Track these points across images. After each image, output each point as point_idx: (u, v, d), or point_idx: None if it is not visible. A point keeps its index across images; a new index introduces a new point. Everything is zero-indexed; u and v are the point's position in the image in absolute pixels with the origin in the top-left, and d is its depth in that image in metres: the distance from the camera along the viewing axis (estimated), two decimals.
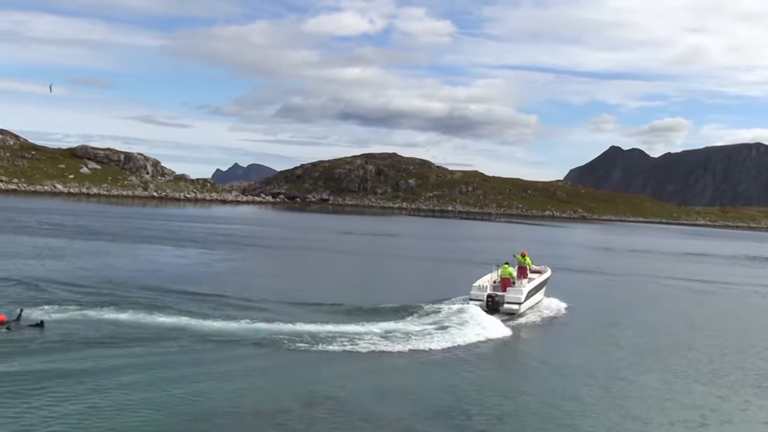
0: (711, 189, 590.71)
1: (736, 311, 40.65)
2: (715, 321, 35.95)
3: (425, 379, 20.71)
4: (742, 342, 30.09)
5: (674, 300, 43.71)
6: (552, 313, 33.96)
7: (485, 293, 31.78)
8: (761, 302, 45.74)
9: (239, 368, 20.27)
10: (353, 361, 22.01)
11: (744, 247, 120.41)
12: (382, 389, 19.42)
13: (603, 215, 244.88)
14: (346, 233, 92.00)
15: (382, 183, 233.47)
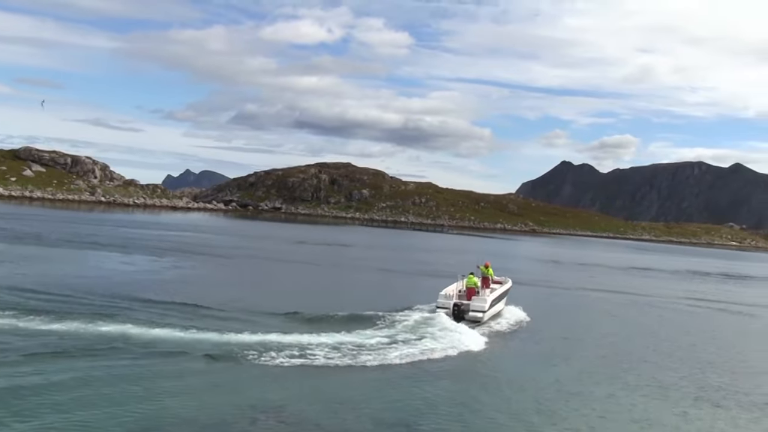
0: (656, 205, 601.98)
1: (681, 325, 41.29)
2: (661, 334, 36.48)
3: (377, 391, 20.56)
4: (685, 355, 30.57)
5: (622, 313, 44.23)
6: (513, 322, 34.86)
7: (452, 301, 32.94)
8: (704, 316, 46.46)
9: (185, 381, 19.80)
10: (305, 373, 21.70)
11: (686, 262, 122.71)
12: (332, 402, 19.15)
13: (553, 229, 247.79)
14: (299, 243, 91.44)
15: (336, 193, 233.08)
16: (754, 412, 21.79)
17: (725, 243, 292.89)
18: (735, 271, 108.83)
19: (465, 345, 27.44)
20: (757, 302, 58.41)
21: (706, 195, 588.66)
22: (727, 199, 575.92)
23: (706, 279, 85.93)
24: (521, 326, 34.42)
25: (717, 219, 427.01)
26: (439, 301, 33.26)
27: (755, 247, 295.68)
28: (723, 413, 21.34)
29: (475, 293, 34.28)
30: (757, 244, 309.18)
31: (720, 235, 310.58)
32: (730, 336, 39.39)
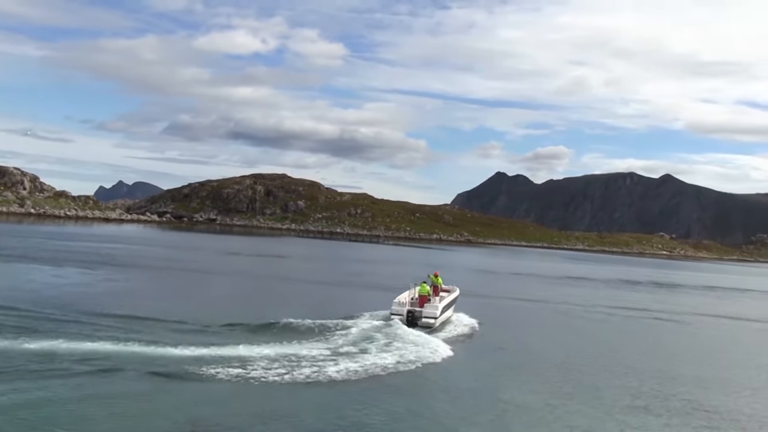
0: (590, 215, 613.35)
1: (615, 333, 42.09)
2: (597, 343, 37.08)
3: (319, 404, 20.42)
4: (616, 362, 31.13)
5: (560, 322, 44.83)
6: (465, 329, 36.89)
7: (405, 308, 34.76)
8: (637, 325, 47.45)
9: (119, 398, 19.33)
10: (244, 387, 21.38)
11: (618, 272, 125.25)
12: (272, 418, 18.95)
13: (488, 239, 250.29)
14: (234, 254, 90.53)
15: (272, 204, 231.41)
16: (679, 417, 22.29)
17: (656, 252, 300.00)
18: (666, 280, 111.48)
19: (416, 353, 27.80)
20: (686, 310, 59.93)
21: (637, 205, 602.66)
22: (658, 209, 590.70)
23: (638, 288, 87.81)
24: (472, 333, 36.20)
25: (648, 229, 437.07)
26: (393, 308, 34.88)
27: (684, 256, 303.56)
28: (655, 420, 21.81)
29: (427, 301, 35.93)
30: (686, 253, 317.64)
31: (651, 245, 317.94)
32: (662, 343, 40.26)
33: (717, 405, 24.40)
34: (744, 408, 24.38)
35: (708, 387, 27.53)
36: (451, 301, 39.63)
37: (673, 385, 27.00)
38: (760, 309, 68.52)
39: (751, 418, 23.08)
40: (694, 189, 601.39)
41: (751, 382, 29.52)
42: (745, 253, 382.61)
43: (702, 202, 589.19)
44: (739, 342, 43.68)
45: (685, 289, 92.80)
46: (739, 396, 26.32)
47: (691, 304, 67.28)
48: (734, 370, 32.59)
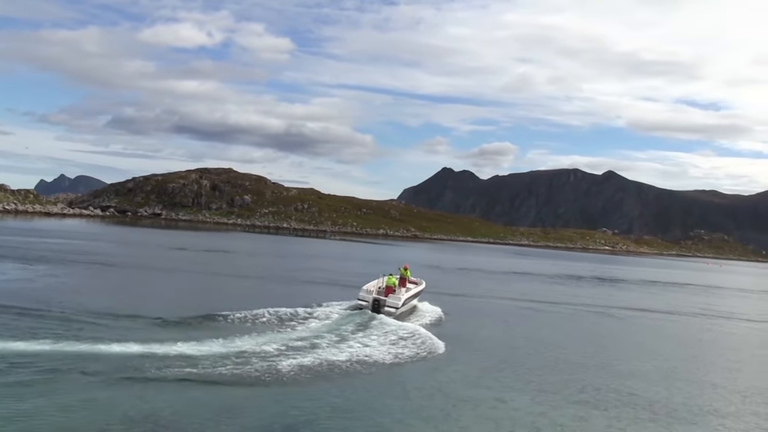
0: (534, 211, 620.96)
1: (556, 328, 42.62)
2: (538, 337, 37.47)
3: (262, 399, 20.25)
4: (559, 356, 31.61)
5: (502, 317, 45.21)
6: (425, 317, 39.46)
7: (372, 296, 37.76)
8: (582, 319, 48.18)
9: (58, 398, 18.85)
10: (187, 385, 21.09)
11: (562, 267, 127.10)
12: (220, 415, 18.76)
13: (435, 234, 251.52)
14: (180, 249, 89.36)
15: (218, 198, 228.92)
16: (620, 409, 22.74)
17: (599, 247, 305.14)
18: (608, 275, 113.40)
19: (367, 349, 28.42)
20: (627, 305, 61.03)
21: (581, 201, 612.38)
22: (601, 205, 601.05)
23: (582, 283, 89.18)
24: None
25: (591, 224, 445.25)
26: (360, 295, 38.12)
27: (626, 252, 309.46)
28: (596, 412, 22.19)
29: (392, 291, 39.05)
30: (628, 249, 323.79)
31: (594, 240, 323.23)
32: (605, 337, 41.03)
33: (657, 396, 24.92)
34: (682, 399, 24.94)
35: (649, 379, 28.08)
36: (417, 292, 43.31)
37: (614, 378, 27.51)
38: (698, 303, 70.12)
39: (690, 409, 23.62)
40: (635, 185, 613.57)
41: (690, 374, 30.23)
42: (683, 248, 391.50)
43: (643, 199, 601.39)
44: (677, 335, 44.65)
45: (627, 284, 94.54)
46: (677, 387, 26.91)
47: (632, 299, 68.61)
48: (674, 362, 33.33)
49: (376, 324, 34.04)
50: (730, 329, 49.77)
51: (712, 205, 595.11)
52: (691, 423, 21.91)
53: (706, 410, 23.64)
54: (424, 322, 37.91)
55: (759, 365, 35.38)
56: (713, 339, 44.61)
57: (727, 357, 36.99)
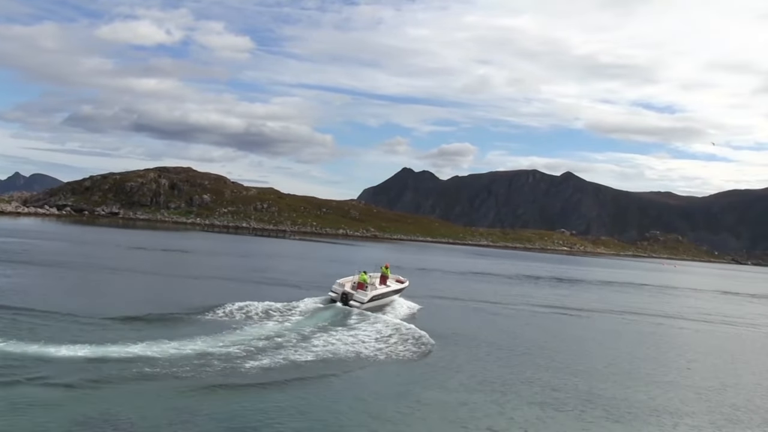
0: (494, 212, 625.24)
1: (515, 328, 42.92)
2: (502, 338, 37.64)
3: (223, 403, 20.05)
4: (523, 358, 31.80)
5: (463, 317, 45.34)
6: (393, 314, 40.77)
7: (342, 289, 40.78)
8: (537, 319, 48.55)
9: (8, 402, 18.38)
10: (145, 388, 20.68)
11: (521, 267, 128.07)
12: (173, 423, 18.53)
13: (394, 235, 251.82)
14: (138, 248, 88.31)
15: (176, 198, 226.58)
16: (580, 409, 22.95)
17: (557, 248, 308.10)
18: (566, 275, 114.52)
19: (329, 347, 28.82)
20: (585, 306, 61.67)
21: (540, 202, 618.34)
22: (559, 205, 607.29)
23: (540, 283, 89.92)
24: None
25: (550, 225, 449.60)
26: (333, 287, 41.33)
27: (584, 252, 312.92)
28: (559, 414, 22.35)
29: (364, 287, 41.64)
30: (586, 249, 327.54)
31: (552, 241, 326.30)
32: (566, 339, 41.39)
33: (616, 396, 25.15)
34: (640, 398, 25.23)
35: (608, 379, 28.35)
36: (394, 290, 46.40)
37: (574, 378, 27.70)
38: (654, 304, 71.14)
39: (648, 408, 23.91)
40: (593, 187, 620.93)
41: (647, 374, 30.60)
42: (639, 249, 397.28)
43: (601, 200, 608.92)
44: (634, 335, 45.16)
45: (584, 285, 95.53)
46: (635, 386, 27.21)
47: (590, 300, 69.33)
48: (632, 362, 33.71)
49: (339, 320, 35.44)
50: (684, 329, 50.52)
51: (667, 206, 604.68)
52: (648, 422, 22.16)
53: (663, 409, 23.93)
54: (391, 319, 38.30)
55: (712, 364, 35.93)
56: (669, 339, 45.24)
57: (682, 356, 37.53)
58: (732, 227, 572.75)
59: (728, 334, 48.91)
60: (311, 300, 40.65)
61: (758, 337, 48.54)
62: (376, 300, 41.89)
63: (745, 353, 41.65)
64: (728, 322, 56.36)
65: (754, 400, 26.63)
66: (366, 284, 42.10)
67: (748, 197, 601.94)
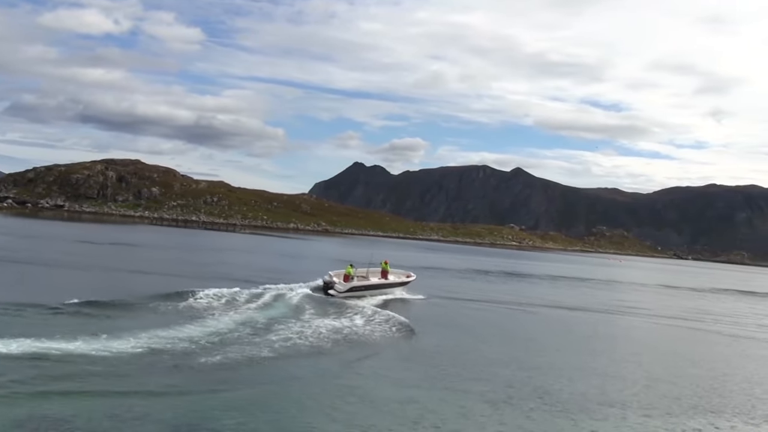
0: (444, 207, 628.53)
1: (470, 324, 43.28)
2: (450, 334, 37.91)
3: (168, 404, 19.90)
4: (473, 353, 32.09)
5: (413, 312, 45.43)
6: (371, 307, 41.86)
7: (325, 278, 46.33)
8: (490, 315, 48.99)
9: None
10: (83, 388, 20.24)
11: (471, 261, 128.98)
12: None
13: (345, 229, 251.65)
14: (83, 242, 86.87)
15: (124, 190, 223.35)
16: (538, 405, 23.29)
17: (506, 243, 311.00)
18: (515, 270, 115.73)
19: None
20: (534, 300, 62.41)
21: (490, 197, 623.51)
22: (509, 201, 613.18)
23: (490, 277, 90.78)
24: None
25: (499, 220, 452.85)
26: (324, 277, 46.69)
27: (533, 247, 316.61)
28: (509, 409, 22.63)
29: (348, 279, 47.05)
30: (534, 244, 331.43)
31: (502, 236, 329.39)
32: (515, 333, 41.90)
33: (566, 389, 25.43)
34: (589, 391, 25.62)
35: (557, 373, 28.71)
36: (391, 283, 51.71)
37: (524, 372, 27.96)
38: (600, 298, 72.35)
39: (596, 401, 24.32)
40: (542, 182, 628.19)
41: (595, 367, 31.13)
42: (587, 244, 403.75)
43: (549, 196, 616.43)
44: (582, 330, 45.81)
45: (533, 279, 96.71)
46: (585, 380, 27.63)
47: (538, 294, 70.22)
48: (581, 356, 34.27)
49: (293, 312, 36.62)
50: (631, 324, 51.45)
51: (613, 202, 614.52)
52: (598, 414, 22.44)
53: (613, 402, 24.29)
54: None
55: (657, 357, 36.74)
56: (616, 333, 46.07)
57: (629, 350, 38.24)
58: (674, 223, 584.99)
59: (673, 328, 49.98)
60: (298, 285, 45.42)
61: (700, 331, 49.69)
62: (359, 291, 46.84)
63: (687, 346, 42.64)
64: (673, 316, 57.57)
65: (697, 391, 27.32)
66: (351, 276, 47.44)
67: (689, 194, 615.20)
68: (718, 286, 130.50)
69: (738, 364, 36.49)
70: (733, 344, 44.58)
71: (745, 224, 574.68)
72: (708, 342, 45.12)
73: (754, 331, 52.65)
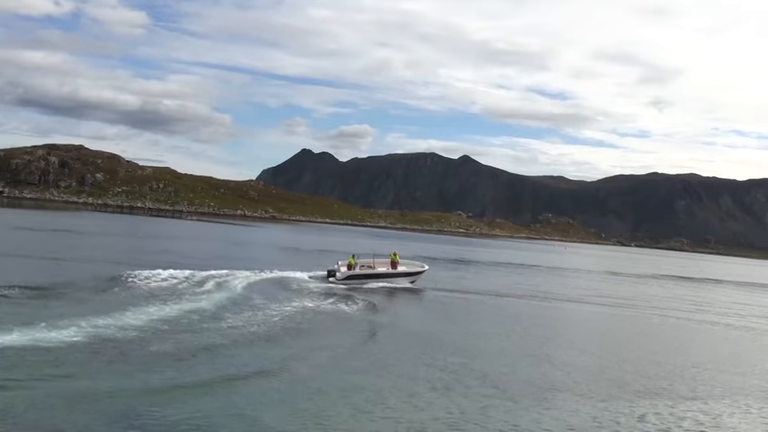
0: (392, 194, 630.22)
1: (413, 312, 43.43)
2: (394, 321, 37.92)
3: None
4: (417, 341, 32.18)
5: (360, 300, 45.39)
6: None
7: (330, 268, 51.90)
8: (435, 302, 49.18)
9: None
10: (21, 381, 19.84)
11: (418, 248, 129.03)
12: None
13: (293, 216, 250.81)
14: (23, 229, 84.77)
15: (67, 176, 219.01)
16: (481, 391, 23.44)
17: (454, 230, 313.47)
18: (462, 257, 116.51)
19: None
20: (480, 288, 62.84)
21: (438, 184, 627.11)
22: (456, 188, 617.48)
23: (437, 265, 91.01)
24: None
25: (447, 207, 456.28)
26: (334, 266, 52.02)
27: (480, 234, 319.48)
28: (453, 394, 22.73)
29: (350, 268, 51.96)
30: (482, 231, 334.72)
31: (449, 223, 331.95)
32: (460, 321, 42.10)
33: (509, 376, 25.65)
34: (531, 377, 25.83)
35: (500, 359, 28.98)
36: (397, 273, 54.30)
37: (467, 359, 28.07)
38: (546, 285, 73.22)
39: (547, 387, 24.61)
40: (489, 170, 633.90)
41: (538, 353, 31.48)
42: (533, 231, 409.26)
43: (496, 183, 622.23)
44: (526, 316, 46.31)
45: (480, 266, 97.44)
46: (526, 366, 27.89)
47: (485, 281, 70.75)
48: (523, 343, 34.60)
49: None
50: (576, 310, 51.99)
51: (559, 190, 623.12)
52: (545, 399, 22.67)
53: (560, 387, 24.55)
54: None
55: (602, 343, 37.37)
56: (561, 320, 46.60)
57: (574, 336, 38.84)
58: (617, 211, 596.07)
59: (618, 315, 50.76)
60: (302, 273, 50.75)
61: (644, 317, 50.56)
62: (358, 279, 51.12)
63: (631, 332, 43.38)
64: (618, 304, 58.40)
65: (638, 376, 27.80)
66: (353, 266, 52.15)
67: (632, 182, 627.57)
68: (659, 272, 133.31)
69: (681, 348, 37.25)
70: (676, 329, 45.56)
71: (684, 212, 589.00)
72: (652, 327, 45.94)
73: (693, 314, 53.77)
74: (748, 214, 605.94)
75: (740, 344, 41.99)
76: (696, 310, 57.85)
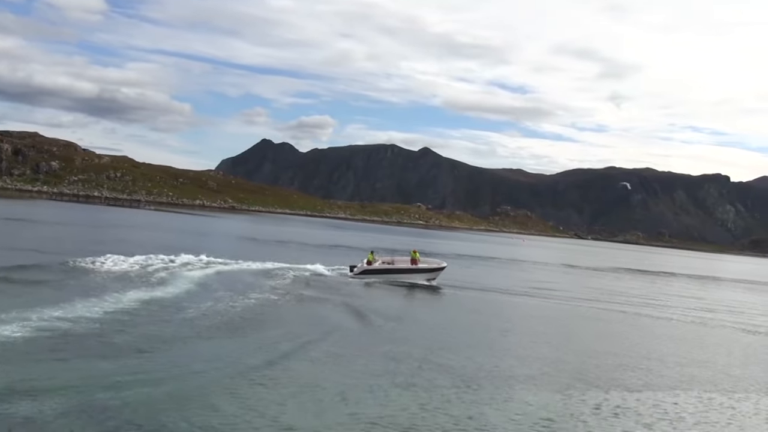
0: (352, 185, 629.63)
1: (372, 305, 43.48)
2: (351, 314, 37.89)
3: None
4: (375, 334, 32.41)
5: (320, 291, 45.30)
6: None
7: (351, 264, 55.98)
8: (392, 294, 49.31)
9: None
10: None
11: (377, 240, 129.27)
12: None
13: (252, 206, 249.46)
14: None
15: (21, 164, 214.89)
16: (440, 382, 23.61)
17: (414, 222, 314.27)
18: (421, 249, 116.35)
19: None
20: (441, 281, 63.02)
21: (398, 176, 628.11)
22: (416, 180, 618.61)
23: (399, 257, 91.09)
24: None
25: (406, 199, 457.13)
26: (359, 264, 54.71)
27: (439, 226, 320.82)
28: (415, 387, 22.88)
29: (369, 263, 54.33)
30: (441, 223, 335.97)
31: (409, 215, 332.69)
32: (419, 313, 42.36)
33: (466, 367, 25.91)
34: (489, 367, 26.09)
35: (457, 351, 29.25)
36: (413, 269, 55.72)
37: (425, 352, 28.33)
38: (503, 278, 73.84)
39: (506, 376, 24.83)
40: (449, 162, 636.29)
41: (495, 345, 31.84)
42: (491, 224, 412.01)
43: (456, 175, 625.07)
44: (483, 310, 46.65)
45: (438, 258, 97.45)
46: (484, 357, 28.17)
47: (444, 273, 70.94)
48: (481, 335, 35.00)
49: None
50: (534, 303, 52.52)
51: (518, 183, 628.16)
52: (502, 388, 22.97)
53: (517, 376, 24.88)
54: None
55: (562, 335, 37.87)
56: (520, 312, 47.05)
57: (533, 329, 39.24)
58: (575, 204, 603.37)
59: (572, 308, 51.35)
60: (321, 267, 54.54)
61: (601, 310, 51.20)
62: (372, 274, 53.34)
63: (588, 324, 44.01)
64: (573, 297, 59.11)
65: (596, 367, 28.24)
66: (372, 262, 54.52)
67: (589, 176, 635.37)
68: (615, 265, 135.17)
69: (635, 340, 37.84)
70: (632, 321, 46.24)
71: (640, 206, 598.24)
72: (607, 319, 46.58)
73: (648, 308, 54.60)
74: (701, 209, 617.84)
75: (695, 337, 42.75)
76: (650, 304, 58.82)
